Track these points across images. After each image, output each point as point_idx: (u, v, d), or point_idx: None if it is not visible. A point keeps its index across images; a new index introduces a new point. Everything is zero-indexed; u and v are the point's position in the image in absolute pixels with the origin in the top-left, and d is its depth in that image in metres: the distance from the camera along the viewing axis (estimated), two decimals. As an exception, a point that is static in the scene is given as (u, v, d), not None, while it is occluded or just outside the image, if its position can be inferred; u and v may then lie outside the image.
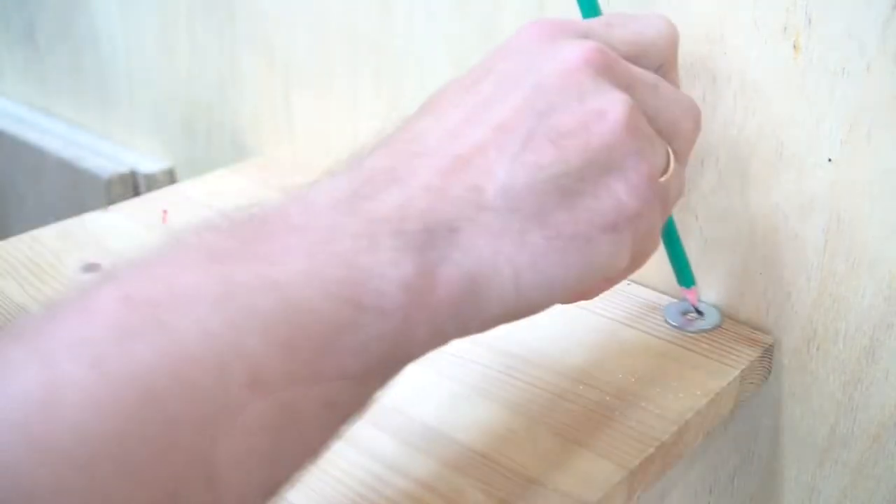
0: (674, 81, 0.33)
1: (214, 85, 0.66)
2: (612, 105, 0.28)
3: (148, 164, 0.75)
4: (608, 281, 0.32)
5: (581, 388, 0.37)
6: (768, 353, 0.40)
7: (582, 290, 0.29)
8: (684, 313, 0.42)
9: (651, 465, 0.34)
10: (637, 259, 0.30)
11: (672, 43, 0.33)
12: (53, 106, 0.87)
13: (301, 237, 0.24)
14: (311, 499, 0.32)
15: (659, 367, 0.38)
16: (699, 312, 0.42)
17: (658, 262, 0.43)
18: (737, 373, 0.38)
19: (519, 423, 0.35)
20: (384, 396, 0.27)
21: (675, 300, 0.43)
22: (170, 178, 0.74)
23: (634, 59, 0.31)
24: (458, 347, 0.40)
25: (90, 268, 0.47)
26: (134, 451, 0.20)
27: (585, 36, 0.30)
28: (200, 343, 0.21)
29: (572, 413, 0.35)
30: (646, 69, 0.31)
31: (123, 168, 0.73)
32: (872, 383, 0.38)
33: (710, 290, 0.42)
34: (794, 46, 0.35)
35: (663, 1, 0.38)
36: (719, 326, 0.41)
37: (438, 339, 0.26)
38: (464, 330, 0.27)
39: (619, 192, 0.28)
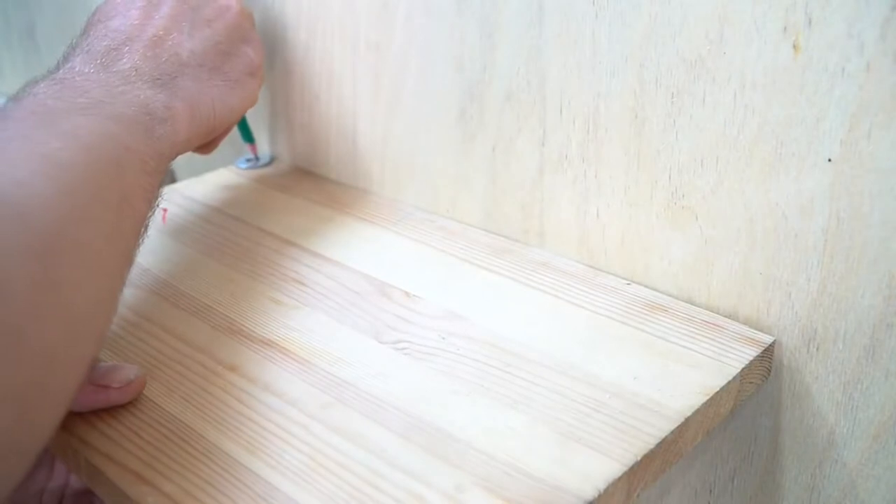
0: None
1: (215, 85, 0.66)
2: (230, 2, 0.52)
3: (148, 164, 0.74)
4: (250, 105, 0.52)
5: (581, 386, 0.37)
6: (768, 353, 0.40)
7: (241, 111, 0.51)
8: (248, 160, 0.63)
9: (651, 464, 0.34)
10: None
11: None
12: (53, 106, 0.87)
13: (95, 84, 0.40)
14: (313, 494, 0.32)
15: (659, 366, 0.38)
16: (258, 159, 0.63)
17: (659, 263, 0.44)
18: (737, 372, 0.38)
19: (519, 420, 0.35)
20: (386, 394, 0.27)
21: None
22: (169, 178, 0.74)
23: None
24: (459, 346, 0.40)
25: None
26: (88, 164, 0.34)
27: None
28: (90, 129, 0.35)
29: (572, 411, 0.35)
30: None
31: (123, 168, 0.73)
32: (872, 383, 0.38)
33: (709, 289, 0.42)
34: (794, 46, 0.35)
35: (663, 1, 0.38)
36: (271, 163, 0.62)
37: (189, 138, 0.45)
38: (195, 133, 0.45)
39: (250, 53, 0.52)
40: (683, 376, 0.37)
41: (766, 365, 0.40)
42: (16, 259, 0.28)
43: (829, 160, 0.36)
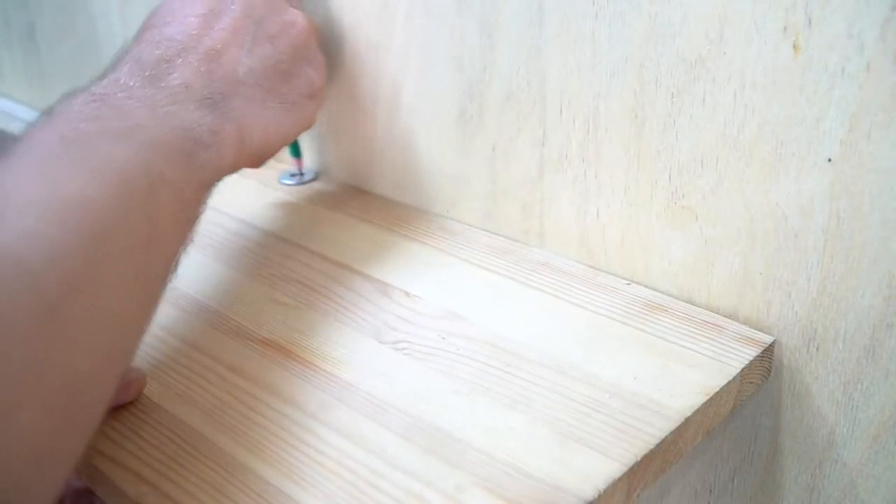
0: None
1: (215, 85, 0.66)
2: (297, 18, 0.47)
3: (148, 164, 0.74)
4: (305, 129, 0.48)
5: (581, 386, 0.37)
6: (768, 353, 0.40)
7: (295, 135, 0.47)
8: (293, 175, 0.59)
9: (651, 464, 0.34)
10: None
11: None
12: (53, 106, 0.87)
13: (138, 103, 0.37)
14: (313, 494, 0.32)
15: (659, 366, 0.38)
16: (302, 174, 0.59)
17: (659, 263, 0.44)
18: (737, 372, 0.38)
19: (519, 420, 0.35)
20: (386, 394, 0.30)
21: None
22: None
23: None
24: (459, 346, 0.40)
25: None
26: (115, 203, 0.31)
27: None
28: (126, 160, 0.33)
29: (572, 411, 0.35)
30: None
31: (123, 168, 0.73)
32: (872, 383, 0.38)
33: (709, 289, 0.42)
34: (794, 46, 0.35)
35: (663, 1, 0.38)
36: (315, 179, 0.59)
37: (235, 163, 0.41)
38: (244, 158, 0.42)
39: (311, 74, 0.48)
40: (683, 376, 0.37)
41: (766, 365, 0.40)
42: (19, 323, 0.26)
43: (829, 160, 0.36)
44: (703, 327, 0.41)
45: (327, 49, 0.54)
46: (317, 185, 0.59)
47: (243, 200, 0.57)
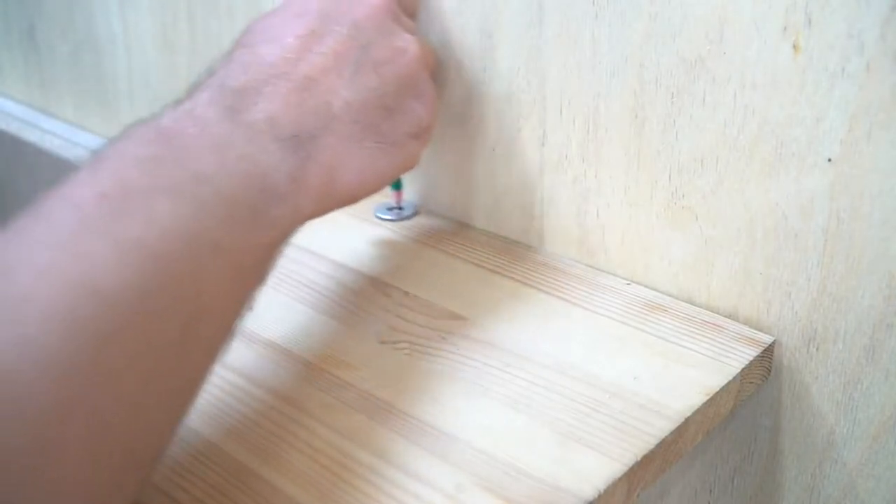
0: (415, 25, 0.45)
1: (215, 85, 0.66)
2: (409, 44, 0.40)
3: (148, 164, 0.74)
4: (405, 171, 0.42)
5: (581, 386, 0.37)
6: (768, 353, 0.40)
7: (392, 179, 0.41)
8: (390, 209, 0.52)
9: (651, 464, 0.34)
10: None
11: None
12: (53, 106, 0.87)
13: (208, 143, 0.31)
14: (314, 495, 0.32)
15: (659, 366, 0.38)
16: (401, 209, 0.52)
17: (659, 263, 0.44)
18: (737, 372, 0.38)
19: (518, 420, 0.35)
20: (386, 394, 0.30)
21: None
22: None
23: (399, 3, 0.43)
24: (458, 345, 0.40)
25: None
26: (145, 290, 0.26)
27: None
28: (173, 221, 0.28)
29: (572, 411, 0.35)
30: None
31: (123, 168, 0.73)
32: (872, 383, 0.38)
33: (709, 289, 0.42)
34: (794, 46, 0.35)
35: (663, 1, 0.38)
36: (416, 214, 0.52)
37: (315, 213, 0.36)
38: (327, 207, 0.37)
39: (418, 110, 0.41)
40: (683, 376, 0.37)
41: (766, 365, 0.40)
42: (10, 450, 0.22)
43: (829, 160, 0.36)
44: (703, 327, 0.41)
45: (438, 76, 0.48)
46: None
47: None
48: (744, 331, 0.41)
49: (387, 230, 0.51)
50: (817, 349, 0.39)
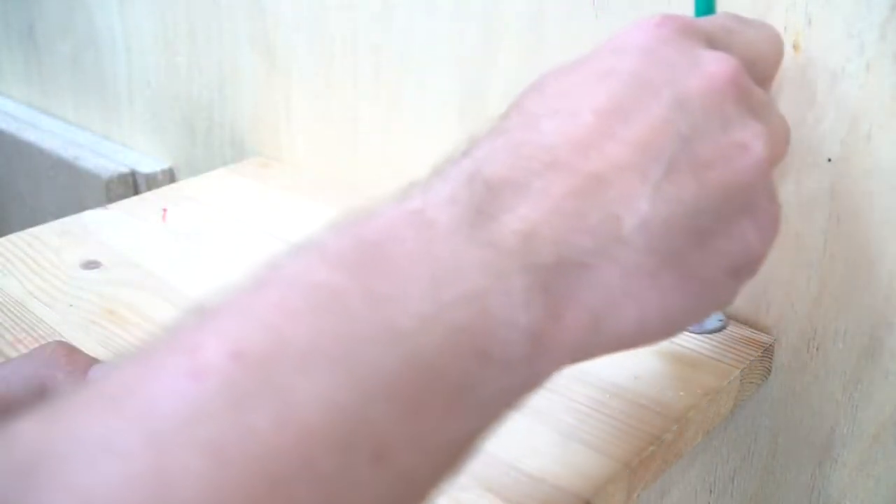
0: (772, 97, 0.31)
1: (214, 85, 0.66)
2: (754, 140, 0.26)
3: (148, 163, 0.75)
4: (708, 316, 0.31)
5: (581, 386, 0.37)
6: (768, 353, 0.40)
7: (687, 326, 0.28)
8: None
9: (651, 464, 0.34)
10: None
11: (780, 58, 0.31)
12: (53, 106, 0.87)
13: (423, 271, 0.21)
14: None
15: (659, 366, 0.38)
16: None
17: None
18: (737, 372, 0.38)
19: (519, 420, 0.35)
20: None
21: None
22: (169, 177, 0.74)
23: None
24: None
25: (90, 265, 0.47)
26: None
27: (710, 42, 0.28)
28: (323, 414, 0.18)
29: (572, 411, 0.35)
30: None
31: (123, 168, 0.73)
32: (872, 383, 0.38)
33: (709, 289, 0.42)
34: (794, 46, 0.35)
35: (663, 1, 0.38)
36: (724, 328, 0.40)
37: (550, 376, 0.24)
38: (580, 359, 0.25)
39: (749, 235, 0.27)
40: (683, 376, 0.37)
41: (766, 365, 0.40)
42: None
43: (829, 160, 0.36)
44: (703, 327, 0.41)
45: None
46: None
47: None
48: (744, 331, 0.41)
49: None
50: (817, 349, 0.39)
